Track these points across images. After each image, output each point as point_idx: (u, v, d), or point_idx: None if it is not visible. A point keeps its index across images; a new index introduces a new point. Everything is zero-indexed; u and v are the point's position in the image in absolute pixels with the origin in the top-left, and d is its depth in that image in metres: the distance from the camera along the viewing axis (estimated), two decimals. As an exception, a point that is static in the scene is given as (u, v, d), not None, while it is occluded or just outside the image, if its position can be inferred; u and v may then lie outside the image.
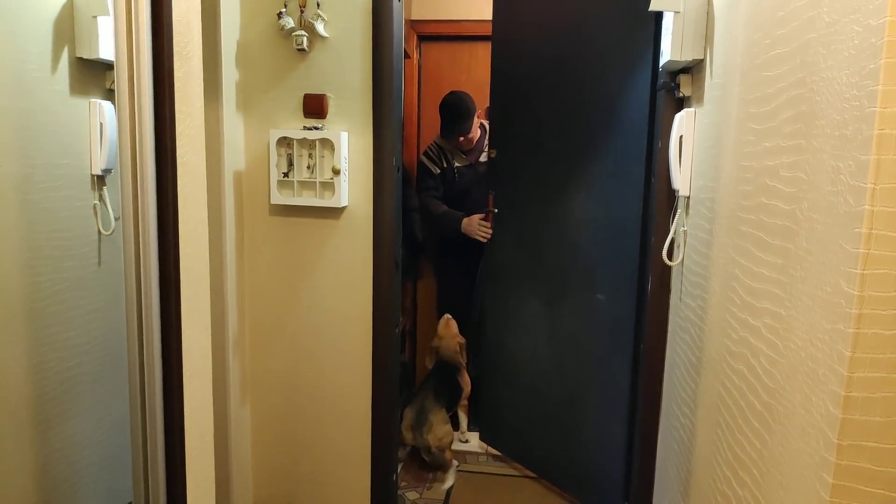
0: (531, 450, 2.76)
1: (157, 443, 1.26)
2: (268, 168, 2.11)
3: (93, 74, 1.57)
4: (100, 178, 1.62)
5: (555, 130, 2.54)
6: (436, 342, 3.00)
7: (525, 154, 2.70)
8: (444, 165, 3.20)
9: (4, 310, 1.35)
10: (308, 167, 2.08)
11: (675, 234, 1.80)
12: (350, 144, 2.08)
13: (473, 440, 3.02)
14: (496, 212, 2.81)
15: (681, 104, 1.83)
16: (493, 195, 2.82)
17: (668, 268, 1.89)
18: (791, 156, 1.01)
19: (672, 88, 1.82)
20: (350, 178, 2.10)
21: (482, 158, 3.16)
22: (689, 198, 1.73)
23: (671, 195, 1.84)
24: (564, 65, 2.48)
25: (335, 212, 2.12)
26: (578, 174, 2.44)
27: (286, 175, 2.09)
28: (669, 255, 1.82)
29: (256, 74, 2.10)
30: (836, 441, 0.81)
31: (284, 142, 2.08)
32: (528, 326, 2.70)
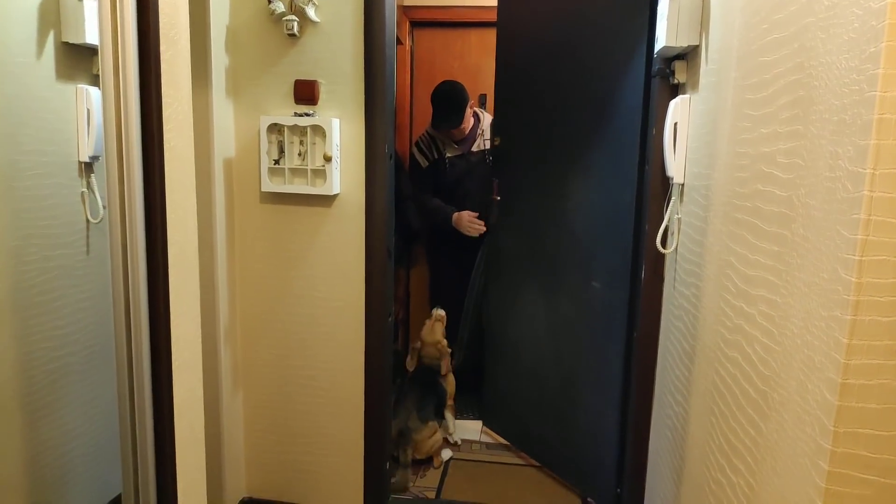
0: (530, 435, 2.77)
1: (146, 433, 1.25)
2: (258, 155, 2.08)
3: (79, 59, 1.54)
4: (87, 166, 1.59)
5: (554, 118, 2.53)
6: (417, 344, 2.90)
7: (527, 141, 2.69)
8: (436, 156, 3.16)
9: (-10, 299, 1.33)
10: (299, 154, 2.06)
11: (669, 222, 1.80)
12: (342, 131, 2.06)
13: (471, 431, 3.00)
14: (499, 199, 2.80)
15: (676, 91, 1.82)
16: (497, 182, 2.81)
17: (662, 256, 1.89)
18: (788, 142, 1.00)
19: (667, 75, 1.81)
20: (342, 166, 2.07)
21: (474, 148, 3.13)
22: (684, 185, 1.72)
23: (665, 183, 1.83)
24: (563, 52, 2.46)
25: (327, 199, 2.10)
26: (576, 162, 2.43)
27: (277, 162, 2.07)
28: (663, 243, 1.81)
29: (246, 60, 2.07)
30: (832, 428, 0.80)
31: (275, 128, 2.05)
32: (529, 313, 2.70)
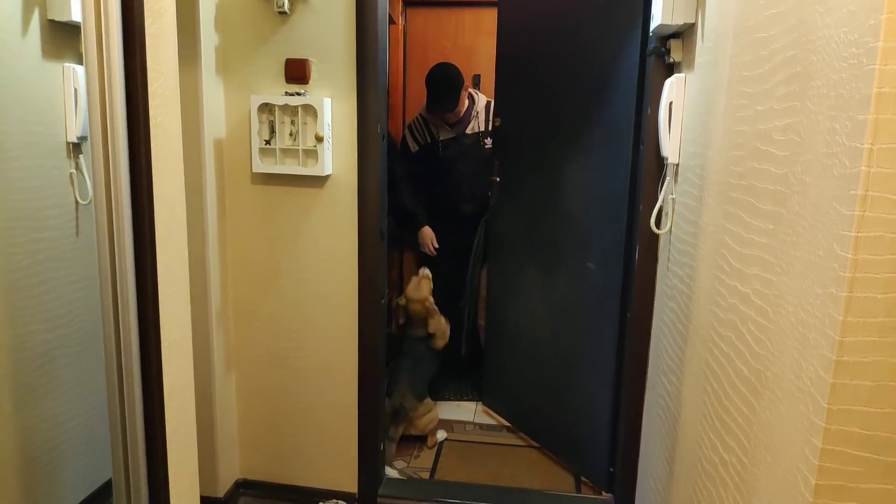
0: (527, 415, 2.79)
1: (136, 414, 1.23)
2: (249, 135, 2.05)
3: (66, 38, 1.51)
4: (76, 146, 1.57)
5: (553, 98, 2.52)
6: (402, 300, 2.83)
7: (526, 122, 2.68)
8: (429, 140, 3.13)
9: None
10: (290, 134, 2.03)
11: (664, 203, 1.79)
12: (334, 111, 2.03)
13: (466, 412, 3.02)
14: (498, 180, 2.79)
15: (671, 70, 1.80)
16: (498, 163, 2.80)
17: (656, 236, 1.88)
18: (785, 118, 0.99)
19: (662, 54, 1.79)
20: (334, 146, 2.05)
21: (468, 130, 3.10)
22: (678, 165, 1.71)
23: (660, 163, 1.82)
24: (561, 32, 2.44)
25: (319, 180, 2.08)
26: (573, 142, 2.42)
27: (268, 142, 2.04)
28: (657, 224, 1.80)
29: (236, 38, 2.03)
30: (826, 405, 0.80)
31: (266, 108, 2.02)
32: (528, 294, 2.71)
